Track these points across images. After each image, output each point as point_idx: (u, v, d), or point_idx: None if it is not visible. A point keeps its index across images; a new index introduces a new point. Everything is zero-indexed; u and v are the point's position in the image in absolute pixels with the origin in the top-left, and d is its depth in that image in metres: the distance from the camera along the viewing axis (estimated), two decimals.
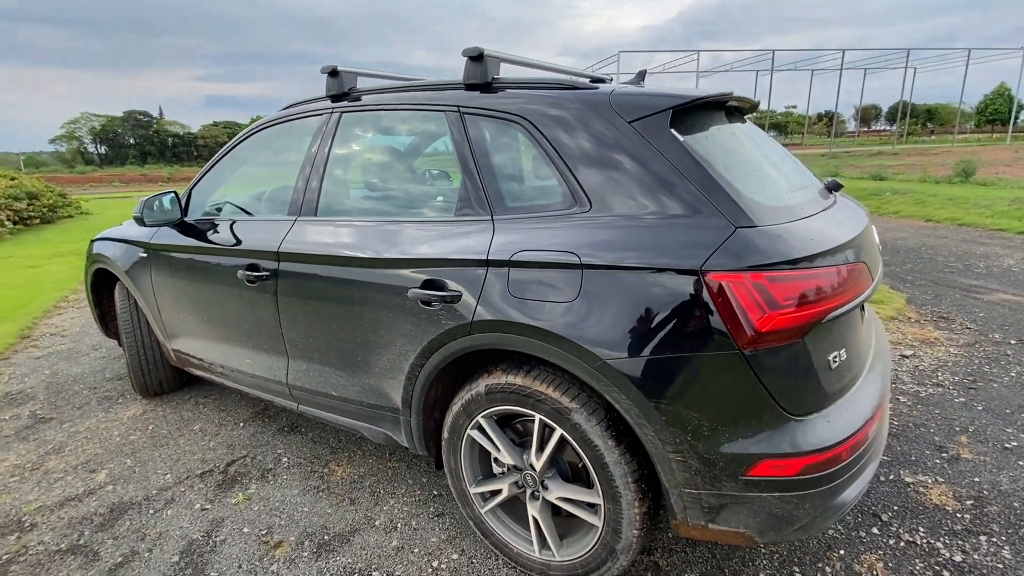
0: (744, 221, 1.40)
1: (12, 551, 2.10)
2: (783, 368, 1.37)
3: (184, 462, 2.66)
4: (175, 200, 2.63)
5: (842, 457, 1.41)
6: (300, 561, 1.99)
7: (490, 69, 1.87)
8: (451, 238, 1.77)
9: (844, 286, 1.44)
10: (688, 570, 1.87)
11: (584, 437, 1.57)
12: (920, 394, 2.99)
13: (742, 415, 1.39)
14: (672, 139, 1.53)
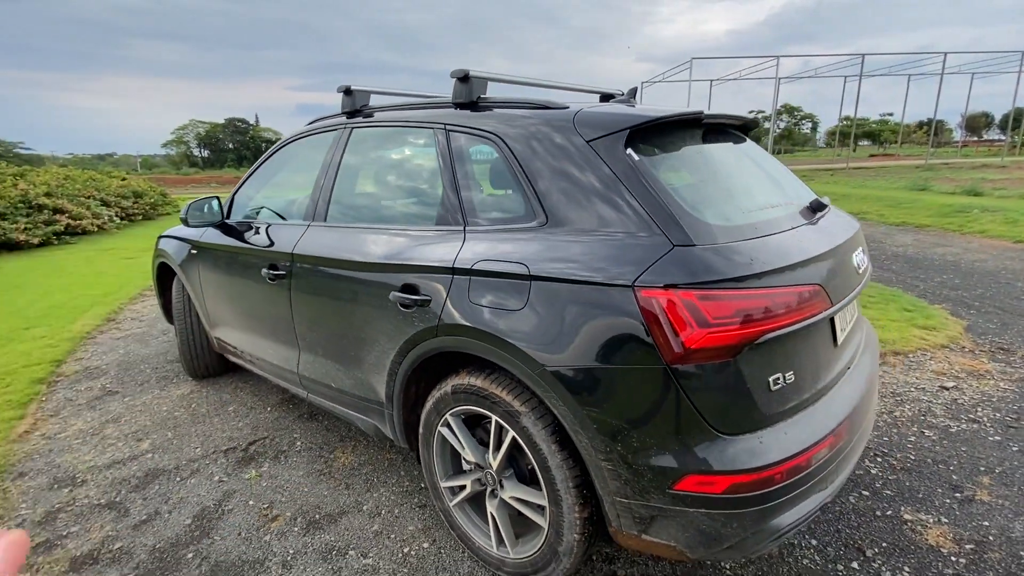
0: (683, 240, 1.43)
1: (63, 501, 2.45)
2: (712, 386, 1.39)
3: (214, 438, 2.96)
4: (215, 204, 2.95)
5: (775, 480, 1.40)
6: (290, 535, 2.18)
7: (475, 89, 2.00)
8: (428, 246, 1.91)
9: (785, 308, 1.43)
10: None
11: (531, 440, 1.65)
12: (950, 429, 2.78)
13: (669, 429, 1.42)
14: (625, 158, 1.58)
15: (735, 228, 1.53)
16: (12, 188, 10.16)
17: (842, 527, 2.11)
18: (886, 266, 6.23)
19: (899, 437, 2.73)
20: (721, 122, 2.00)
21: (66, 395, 3.58)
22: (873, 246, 7.34)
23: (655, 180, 1.55)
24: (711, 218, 1.53)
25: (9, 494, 2.52)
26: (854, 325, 1.97)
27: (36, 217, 10.00)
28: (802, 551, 2.00)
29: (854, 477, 2.41)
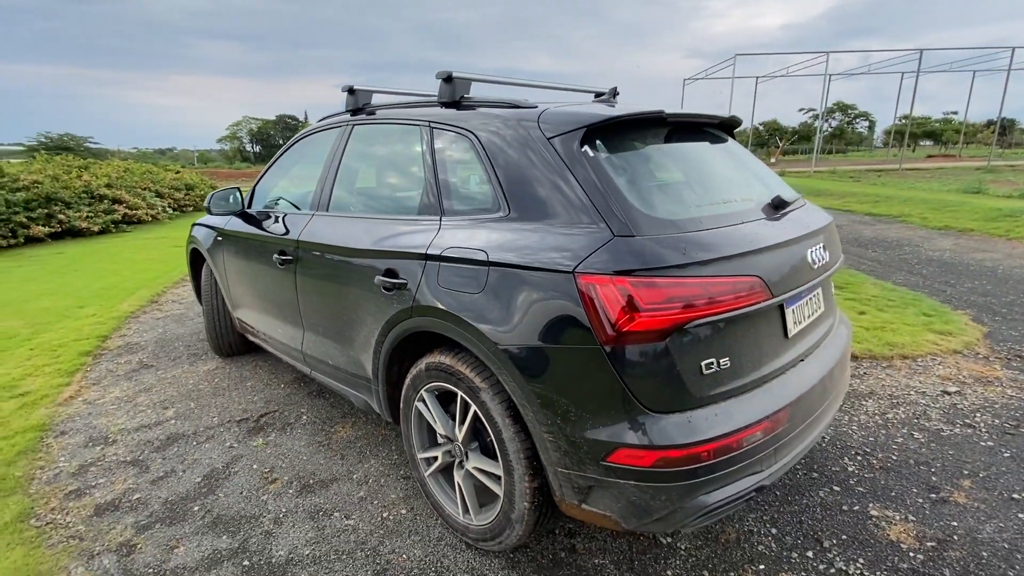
0: (623, 231, 1.54)
1: (95, 457, 2.75)
2: (642, 367, 1.49)
3: (230, 409, 3.23)
4: (237, 195, 3.20)
5: (701, 458, 1.49)
6: (284, 496, 2.40)
7: (458, 89, 2.14)
8: (408, 235, 2.07)
9: (717, 297, 1.51)
10: (601, 556, 1.99)
11: (489, 414, 1.78)
12: (942, 433, 2.75)
13: (603, 405, 1.53)
14: (579, 154, 1.69)
15: (678, 221, 1.62)
16: (77, 180, 10.99)
17: (805, 518, 2.16)
18: (916, 270, 6.02)
19: (886, 438, 2.72)
20: (692, 121, 2.07)
21: (108, 367, 3.95)
22: (907, 250, 7.09)
23: (605, 175, 1.66)
24: (656, 211, 1.63)
25: (51, 449, 2.84)
26: (818, 319, 2.01)
27: (97, 207, 10.79)
28: (760, 537, 2.06)
29: (828, 472, 2.44)
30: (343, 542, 2.10)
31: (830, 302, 2.19)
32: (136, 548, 2.10)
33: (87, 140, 32.28)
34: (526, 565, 1.96)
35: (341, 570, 1.96)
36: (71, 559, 2.04)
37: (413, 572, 1.94)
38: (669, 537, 2.08)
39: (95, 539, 2.15)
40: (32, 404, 3.32)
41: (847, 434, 2.76)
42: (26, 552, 2.07)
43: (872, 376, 3.42)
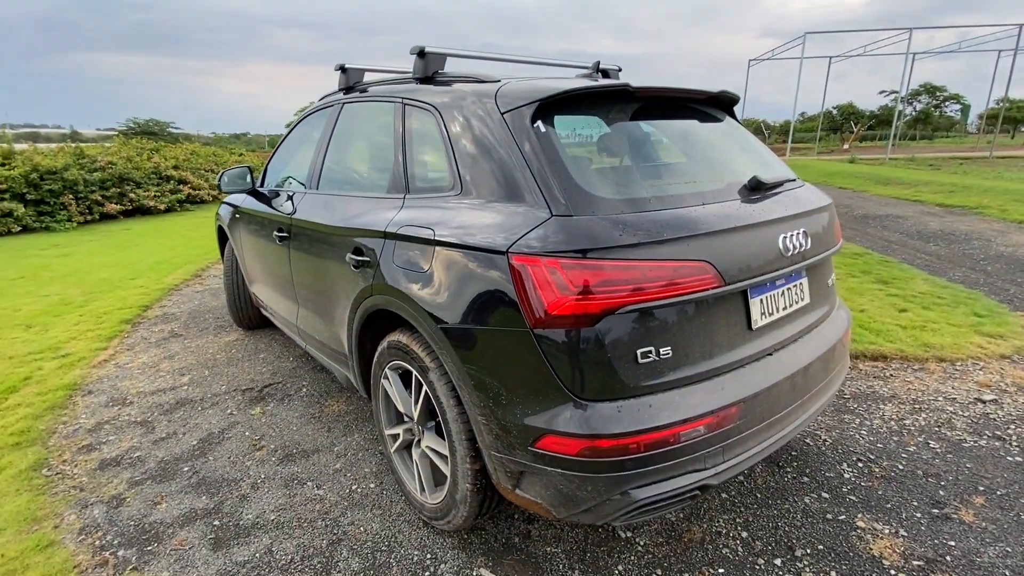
0: (562, 210, 1.47)
1: (111, 416, 2.96)
2: (571, 352, 1.42)
3: (239, 379, 3.39)
4: (247, 173, 3.32)
5: (630, 449, 1.41)
6: (267, 463, 2.49)
7: (431, 64, 2.11)
8: (375, 212, 2.07)
9: (653, 282, 1.42)
10: (554, 545, 1.95)
11: (436, 394, 1.77)
12: (963, 444, 2.49)
13: (532, 390, 1.47)
14: (530, 130, 1.62)
15: (625, 201, 1.53)
16: (147, 161, 11.78)
17: (783, 524, 2.02)
18: (980, 267, 5.47)
19: (896, 445, 2.49)
20: (671, 96, 1.94)
21: (143, 334, 4.23)
22: (976, 245, 6.44)
23: (553, 152, 1.58)
24: (601, 191, 1.54)
25: (77, 407, 3.08)
26: (800, 311, 1.85)
27: (164, 187, 11.54)
28: (727, 540, 1.95)
29: (820, 478, 2.27)
30: (308, 511, 2.16)
31: (822, 293, 2.01)
32: (124, 501, 2.25)
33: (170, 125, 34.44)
34: (478, 547, 1.95)
35: (299, 537, 2.02)
36: (67, 507, 2.21)
37: (367, 544, 1.97)
38: (629, 532, 2.01)
39: (92, 491, 2.32)
40: (70, 365, 3.61)
41: (853, 439, 2.56)
42: (30, 498, 2.26)
43: (899, 379, 3.14)
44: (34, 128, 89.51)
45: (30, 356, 3.74)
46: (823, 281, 2.03)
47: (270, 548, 1.97)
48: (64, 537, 2.04)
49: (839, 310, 2.17)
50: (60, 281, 5.76)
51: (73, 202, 9.63)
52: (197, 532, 2.06)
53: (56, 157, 10.22)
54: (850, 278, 5.05)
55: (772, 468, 2.35)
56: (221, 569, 1.88)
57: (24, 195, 9.14)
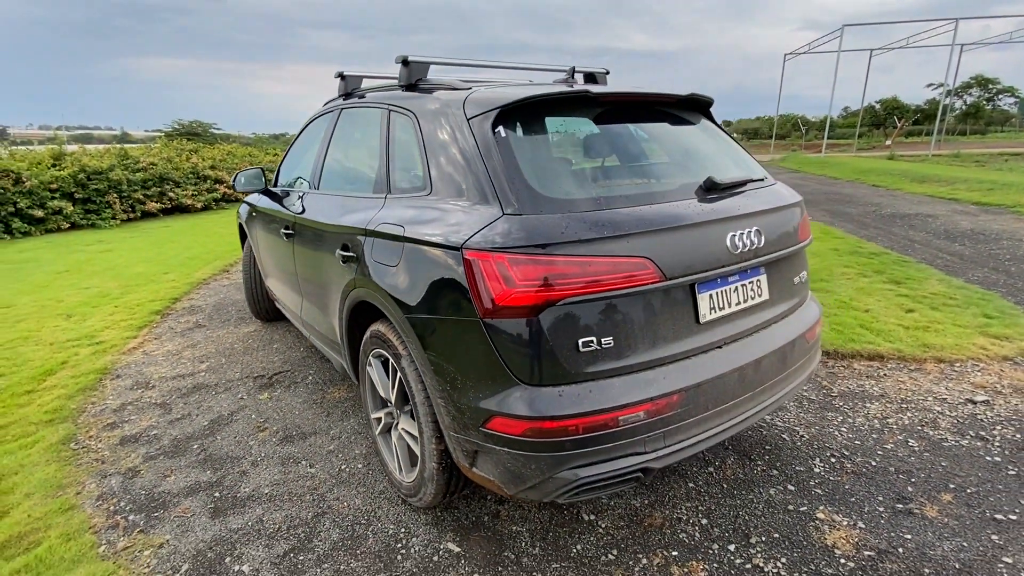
0: (513, 209, 1.59)
1: (134, 398, 3.23)
2: (516, 340, 1.54)
3: (252, 367, 3.62)
4: (260, 174, 3.54)
5: (570, 431, 1.52)
6: (267, 443, 2.69)
7: (415, 72, 2.25)
8: (361, 211, 2.23)
9: (592, 276, 1.52)
10: (522, 524, 2.07)
11: (406, 379, 1.91)
12: (944, 443, 2.49)
13: (483, 375, 1.60)
14: (490, 135, 1.74)
15: (573, 201, 1.63)
16: (185, 162, 12.37)
17: (743, 513, 2.09)
18: (1003, 267, 5.29)
19: (874, 443, 2.51)
20: (638, 100, 2.03)
21: (170, 324, 4.54)
22: (1005, 245, 6.22)
23: (510, 155, 1.70)
24: (551, 191, 1.65)
25: (105, 389, 3.36)
26: (756, 306, 1.91)
27: (201, 186, 12.11)
28: (686, 526, 2.03)
29: (789, 471, 2.32)
30: (299, 486, 2.34)
31: (785, 289, 2.06)
32: (139, 473, 2.48)
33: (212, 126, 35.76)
34: (449, 523, 2.08)
35: (288, 509, 2.20)
36: (88, 476, 2.46)
37: (348, 517, 2.14)
38: (593, 515, 2.11)
39: (112, 463, 2.57)
40: (103, 351, 3.92)
41: (831, 435, 2.59)
42: (58, 468, 2.52)
43: (892, 379, 3.13)
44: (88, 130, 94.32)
45: (68, 343, 4.08)
46: (786, 278, 2.08)
47: (261, 518, 2.15)
48: (84, 502, 2.28)
49: (807, 306, 2.22)
50: (100, 275, 6.18)
51: (117, 201, 10.22)
52: (199, 502, 2.27)
53: (102, 158, 10.84)
54: (861, 278, 4.98)
55: (743, 461, 2.41)
56: (216, 534, 2.07)
57: (73, 194, 9.75)
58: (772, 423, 2.71)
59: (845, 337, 3.61)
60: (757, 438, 2.58)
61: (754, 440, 2.57)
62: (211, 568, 1.90)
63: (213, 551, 1.98)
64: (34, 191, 9.24)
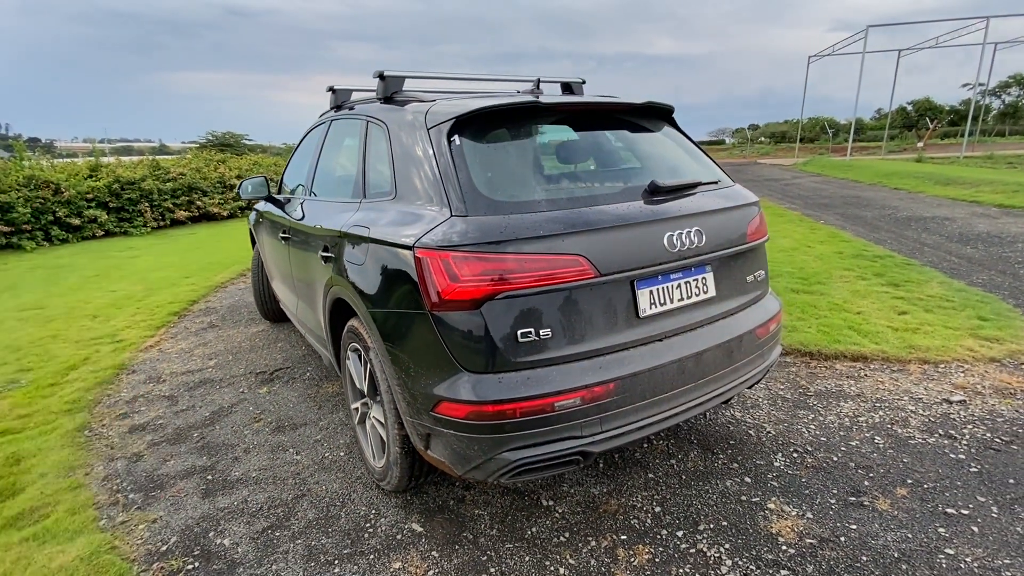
0: (459, 211, 1.73)
1: (146, 391, 3.47)
2: (460, 331, 1.68)
3: (256, 364, 3.84)
4: (264, 182, 3.77)
5: (507, 414, 1.65)
6: (261, 432, 2.88)
7: (391, 86, 2.42)
8: (339, 215, 2.40)
9: (529, 272, 1.65)
10: (484, 508, 2.19)
11: (373, 369, 2.07)
12: (910, 441, 2.53)
13: (431, 363, 1.74)
14: (446, 143, 1.90)
15: (515, 203, 1.77)
16: (213, 172, 12.90)
17: (696, 503, 2.17)
18: (1012, 270, 5.19)
19: (840, 440, 2.56)
20: (591, 109, 2.16)
21: (186, 325, 4.81)
22: (1020, 248, 6.08)
23: (462, 161, 1.84)
24: (496, 194, 1.79)
25: (120, 382, 3.62)
26: (701, 302, 2.01)
27: (227, 194, 12.60)
28: (639, 513, 2.13)
29: (749, 465, 2.39)
30: (283, 472, 2.51)
31: (735, 287, 2.15)
32: (142, 457, 2.70)
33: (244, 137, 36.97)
34: (417, 507, 2.22)
35: (271, 490, 2.37)
36: (97, 460, 2.68)
37: (324, 499, 2.30)
38: (551, 500, 2.22)
39: (119, 448, 2.79)
40: (122, 349, 4.20)
41: (798, 432, 2.64)
42: (71, 452, 2.75)
43: (871, 379, 3.16)
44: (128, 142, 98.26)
45: (92, 341, 4.37)
46: (737, 276, 2.17)
47: (246, 498, 2.33)
48: (91, 482, 2.49)
49: (763, 303, 2.30)
50: (128, 279, 6.54)
51: (148, 209, 10.74)
52: (193, 483, 2.46)
53: (135, 169, 11.40)
54: (860, 281, 4.95)
55: (706, 454, 2.49)
56: (204, 512, 2.25)
57: (107, 203, 10.29)
58: (741, 419, 2.78)
59: (831, 338, 3.64)
60: (722, 433, 2.66)
61: (719, 435, 2.64)
62: (196, 541, 2.08)
63: (200, 526, 2.16)
64: (72, 201, 9.80)
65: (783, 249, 6.37)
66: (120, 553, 2.03)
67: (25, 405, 3.28)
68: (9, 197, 9.07)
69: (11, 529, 2.16)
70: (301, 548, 2.02)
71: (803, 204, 10.46)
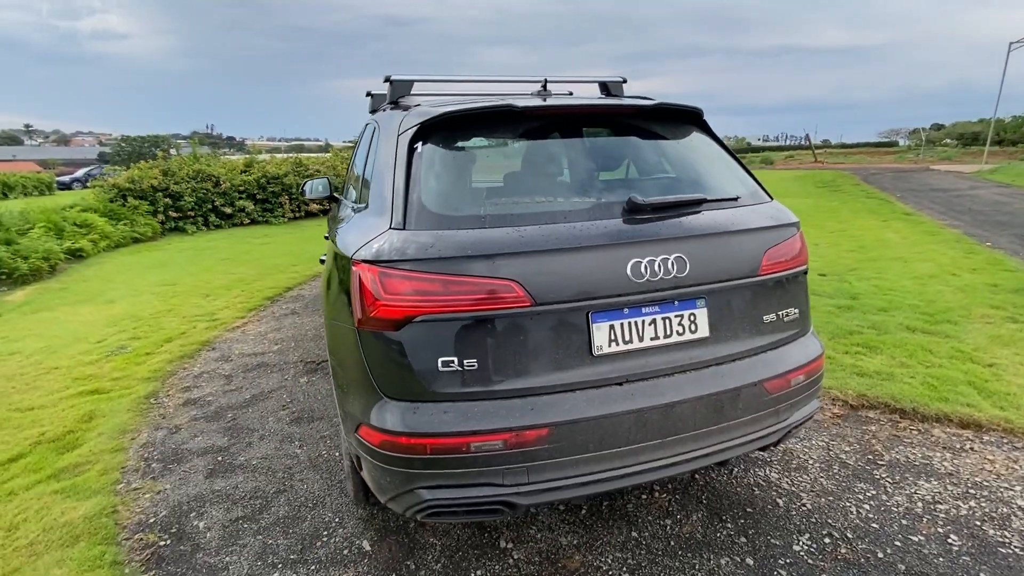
0: (398, 224, 1.63)
1: (213, 368, 3.85)
2: (380, 352, 1.57)
3: (310, 353, 4.08)
4: (327, 183, 3.96)
5: (416, 449, 1.51)
6: (282, 421, 3.04)
7: (396, 90, 2.38)
8: (341, 220, 2.42)
9: (456, 296, 1.48)
10: (441, 537, 2.07)
11: None
12: (999, 548, 1.91)
13: (357, 383, 1.66)
14: (408, 151, 1.79)
15: (457, 218, 1.62)
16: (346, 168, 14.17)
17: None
18: None
19: (898, 530, 2.02)
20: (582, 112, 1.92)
21: (273, 310, 5.29)
22: None
23: (417, 170, 1.73)
24: (440, 207, 1.65)
25: (198, 358, 4.06)
26: (684, 344, 1.68)
27: None
28: None
29: (760, 542, 1.97)
30: (279, 464, 2.61)
31: (741, 327, 1.76)
32: (179, 430, 2.98)
33: None
34: (376, 523, 2.16)
35: (259, 479, 2.47)
36: (146, 427, 3.02)
37: (300, 498, 2.34)
38: (511, 543, 2.02)
39: (167, 419, 3.11)
40: (214, 327, 4.73)
41: (843, 510, 2.13)
42: (132, 417, 3.13)
43: (977, 454, 2.46)
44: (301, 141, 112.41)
45: (194, 317, 4.99)
46: (747, 314, 1.78)
47: (237, 485, 2.45)
48: (132, 447, 2.81)
49: (788, 349, 1.86)
50: (250, 263, 7.40)
51: (287, 201, 12.10)
52: (204, 462, 2.65)
53: (280, 166, 12.91)
54: (1008, 323, 3.92)
55: (711, 519, 2.10)
56: (200, 492, 2.41)
57: (255, 195, 11.78)
58: (774, 482, 2.31)
59: (937, 395, 2.91)
60: (742, 496, 2.23)
61: (737, 498, 2.22)
62: (178, 519, 2.23)
63: (188, 505, 2.32)
64: (227, 192, 11.37)
65: (917, 276, 5.29)
66: (117, 518, 2.24)
67: (121, 369, 3.82)
68: (180, 188, 10.78)
69: (52, 480, 2.50)
70: (258, 545, 2.07)
71: (970, 221, 8.65)
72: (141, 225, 9.76)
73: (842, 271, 5.61)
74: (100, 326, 4.84)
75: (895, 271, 5.51)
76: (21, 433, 2.93)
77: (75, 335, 4.59)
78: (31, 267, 6.59)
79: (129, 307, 5.42)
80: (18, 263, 6.44)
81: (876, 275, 5.36)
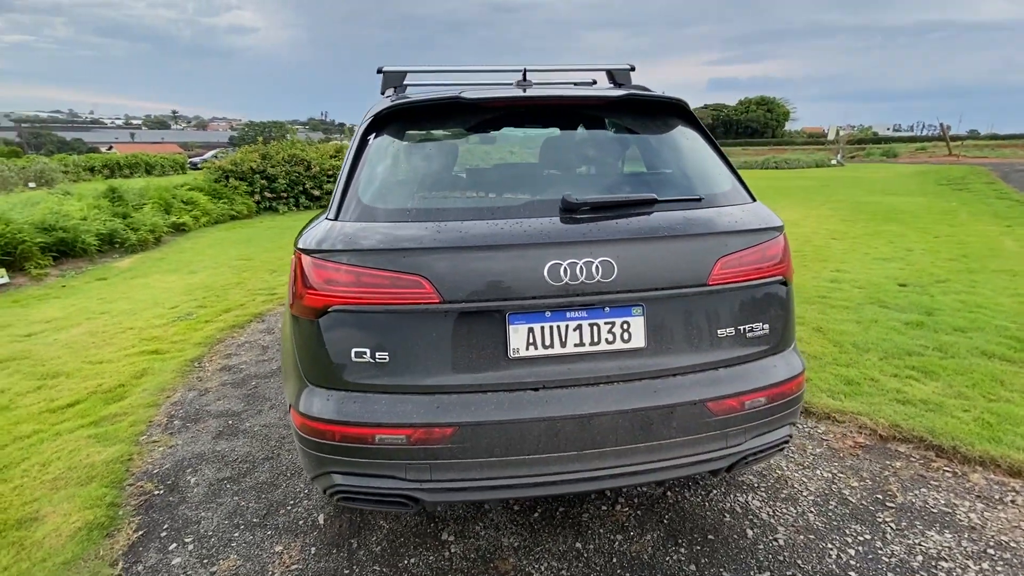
0: (335, 215, 1.67)
1: (255, 339, 4.20)
2: (304, 338, 1.63)
3: None
4: None
5: (327, 436, 1.55)
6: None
7: (388, 81, 2.42)
8: None
9: (367, 288, 1.50)
10: (392, 522, 2.12)
11: None
12: None
13: (289, 367, 1.74)
14: (362, 143, 1.83)
15: (385, 211, 1.63)
16: None
17: None
18: None
19: None
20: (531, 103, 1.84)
21: None
22: None
23: (362, 163, 1.76)
24: (373, 200, 1.67)
25: (246, 329, 4.45)
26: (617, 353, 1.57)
27: None
28: None
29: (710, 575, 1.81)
30: (275, 433, 2.80)
31: (685, 340, 1.61)
32: (208, 392, 3.29)
33: None
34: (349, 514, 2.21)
35: (254, 446, 2.67)
36: (182, 387, 3.36)
37: (282, 467, 2.50)
38: (453, 536, 2.03)
39: (202, 381, 3.45)
40: (269, 300, 5.14)
41: (820, 553, 1.90)
42: (175, 377, 3.50)
43: (1014, 508, 2.08)
44: None
45: (256, 291, 5.45)
46: (696, 326, 1.62)
47: (234, 448, 2.67)
48: (165, 404, 3.15)
49: (749, 368, 1.68)
50: None
51: None
52: (216, 424, 2.91)
53: None
54: None
55: (666, 540, 1.97)
56: (205, 450, 2.66)
57: None
58: (753, 510, 2.11)
59: (989, 434, 2.49)
60: (709, 521, 2.06)
61: (703, 523, 2.06)
62: (177, 472, 2.48)
63: (189, 462, 2.57)
64: (316, 176, 12.21)
65: (1021, 294, 4.53)
66: (130, 466, 2.53)
67: (182, 334, 4.28)
68: (276, 171, 11.73)
69: (92, 426, 2.87)
70: (232, 505, 2.25)
71: None
72: (239, 204, 10.78)
73: (928, 282, 4.93)
74: (178, 293, 5.43)
75: (994, 285, 4.75)
76: (84, 383, 3.38)
77: (155, 300, 5.19)
78: (139, 238, 7.53)
79: (206, 278, 6.03)
80: (129, 234, 7.39)
81: (967, 289, 4.66)
